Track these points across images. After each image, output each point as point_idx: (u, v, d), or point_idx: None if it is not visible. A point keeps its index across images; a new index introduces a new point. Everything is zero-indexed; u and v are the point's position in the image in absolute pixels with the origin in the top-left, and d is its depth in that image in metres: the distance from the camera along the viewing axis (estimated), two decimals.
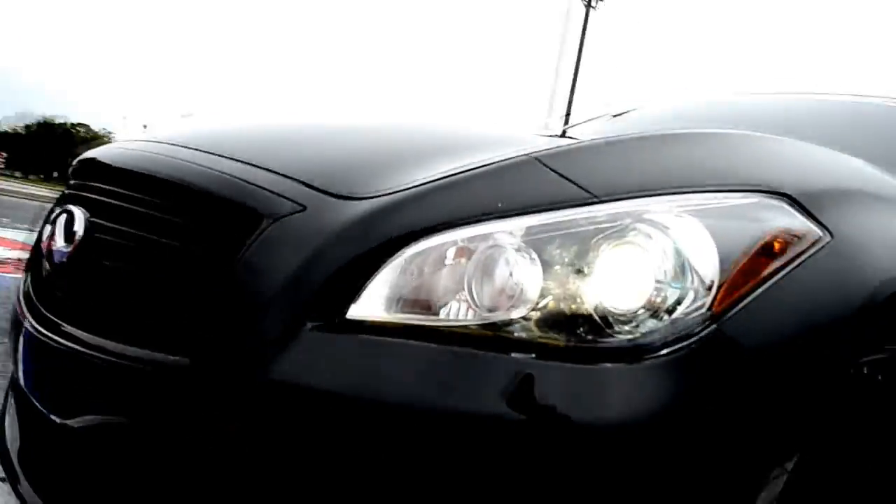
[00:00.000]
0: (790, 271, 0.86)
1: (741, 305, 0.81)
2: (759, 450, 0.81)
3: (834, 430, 0.90)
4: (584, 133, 2.64)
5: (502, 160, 0.91)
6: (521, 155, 0.91)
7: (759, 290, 0.83)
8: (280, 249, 0.86)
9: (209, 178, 0.98)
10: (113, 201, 1.07)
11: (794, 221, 0.90)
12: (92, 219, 1.07)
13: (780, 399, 0.83)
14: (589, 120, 2.99)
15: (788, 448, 0.83)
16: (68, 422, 1.01)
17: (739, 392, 0.80)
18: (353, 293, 0.82)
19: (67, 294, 1.09)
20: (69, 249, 1.07)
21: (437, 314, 0.83)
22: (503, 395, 0.77)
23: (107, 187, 1.11)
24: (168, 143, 1.14)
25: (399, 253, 0.83)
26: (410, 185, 0.88)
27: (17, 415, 1.19)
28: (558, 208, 0.84)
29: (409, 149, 1.07)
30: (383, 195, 0.88)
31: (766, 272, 0.84)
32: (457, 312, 0.83)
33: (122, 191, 1.06)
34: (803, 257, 0.88)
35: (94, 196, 1.13)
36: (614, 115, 2.88)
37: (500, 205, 0.85)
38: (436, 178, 0.89)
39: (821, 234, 0.91)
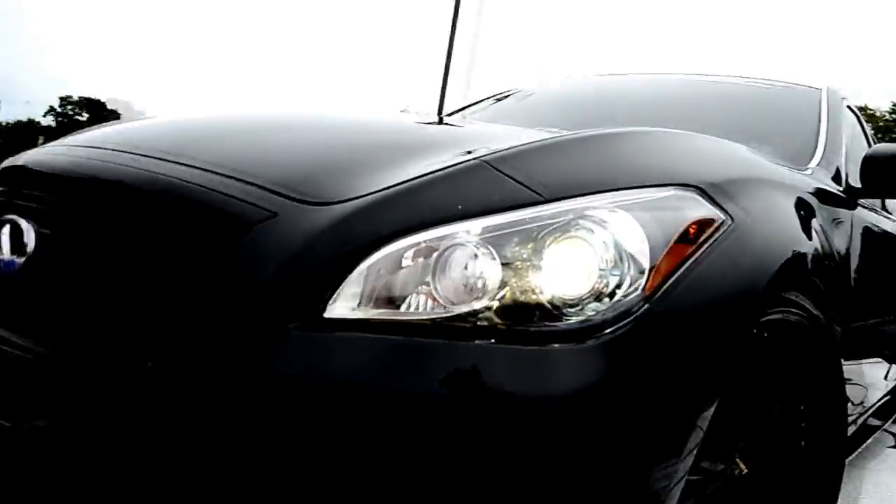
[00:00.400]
0: (704, 253, 1.01)
1: (667, 285, 0.95)
2: (688, 400, 0.97)
3: (743, 376, 1.08)
4: (467, 116, 2.81)
5: (456, 165, 1.01)
6: (473, 159, 1.01)
7: (681, 271, 0.97)
8: (257, 256, 0.92)
9: (178, 188, 1.01)
10: (67, 211, 1.08)
11: (704, 210, 1.05)
12: (43, 230, 1.08)
13: (702, 357, 0.99)
14: (472, 104, 3.13)
15: (710, 396, 0.99)
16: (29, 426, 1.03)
17: (669, 356, 0.95)
18: (330, 294, 0.90)
19: (26, 305, 1.09)
20: (21, 261, 1.07)
21: (407, 309, 0.92)
22: (469, 377, 0.87)
23: (57, 197, 1.11)
24: (115, 150, 1.15)
25: (370, 255, 0.91)
26: (375, 191, 0.97)
27: None
28: (510, 209, 0.95)
29: (363, 149, 1.15)
30: (351, 200, 0.95)
31: (685, 255, 0.99)
32: (424, 307, 0.92)
33: (78, 201, 1.07)
34: (712, 240, 1.03)
35: (39, 206, 1.12)
36: (497, 99, 3.03)
37: (459, 207, 0.95)
38: (398, 183, 0.98)
39: (724, 218, 1.07)
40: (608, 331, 0.90)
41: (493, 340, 0.89)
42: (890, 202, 2.45)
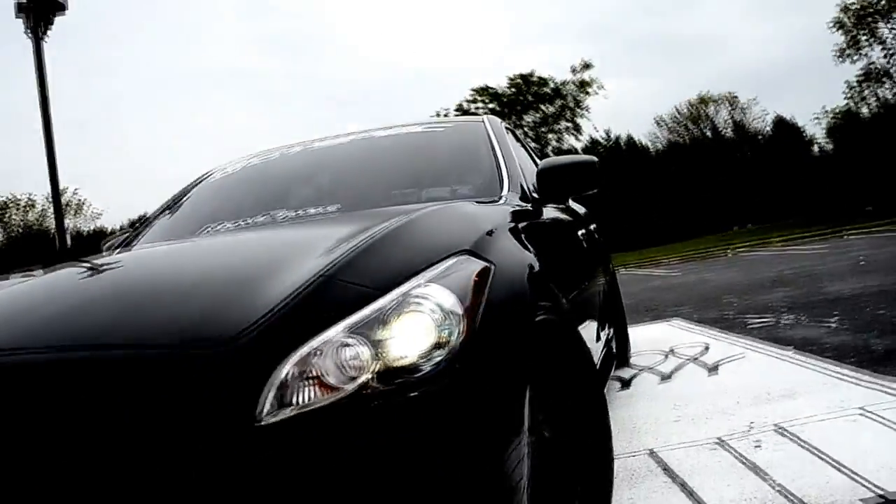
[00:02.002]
0: (488, 292, 1.46)
1: (476, 322, 1.38)
2: (514, 390, 1.40)
3: (535, 363, 1.54)
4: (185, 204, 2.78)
5: (311, 283, 1.35)
6: (319, 277, 1.37)
7: (481, 309, 1.41)
8: (189, 395, 1.18)
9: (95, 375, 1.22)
10: None
11: (478, 264, 1.51)
12: None
13: (511, 359, 1.43)
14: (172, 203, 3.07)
15: (524, 384, 1.43)
16: None
17: (494, 366, 1.37)
18: (253, 408, 1.19)
19: None
20: None
21: (310, 402, 1.24)
22: (377, 426, 1.23)
23: None
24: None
25: (272, 372, 1.22)
26: (261, 319, 1.27)
27: None
28: (361, 307, 1.31)
29: (222, 285, 1.45)
30: (243, 333, 1.25)
31: (480, 298, 1.43)
32: (325, 395, 1.25)
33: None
34: (489, 282, 1.48)
35: None
36: (196, 183, 3.15)
37: (325, 316, 1.29)
38: (273, 310, 1.29)
39: (489, 265, 1.53)
40: (455, 366, 1.30)
41: (380, 399, 1.25)
42: None
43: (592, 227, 3.86)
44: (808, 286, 6.83)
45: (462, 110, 32.97)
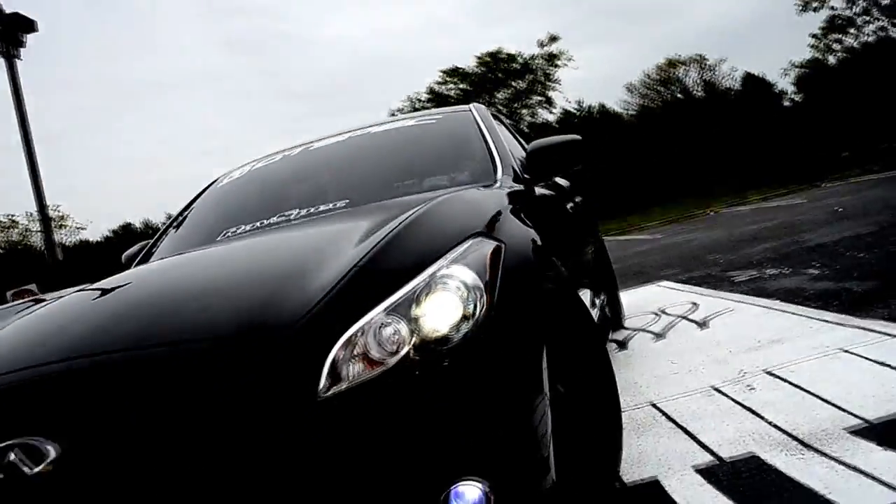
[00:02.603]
0: (502, 267, 1.63)
1: (495, 295, 1.56)
2: (534, 351, 1.58)
3: (550, 327, 1.72)
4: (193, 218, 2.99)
5: (350, 273, 1.52)
6: (356, 266, 1.54)
7: (498, 283, 1.59)
8: (255, 378, 1.35)
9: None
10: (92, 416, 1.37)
11: (492, 244, 1.68)
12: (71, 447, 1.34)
13: (528, 324, 1.61)
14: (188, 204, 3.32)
15: (541, 345, 1.61)
16: None
17: (515, 331, 1.55)
18: (316, 383, 1.36)
19: None
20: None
21: (360, 376, 1.41)
22: (420, 392, 1.40)
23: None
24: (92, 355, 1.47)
25: (330, 350, 1.39)
26: (314, 305, 1.44)
27: None
28: (396, 289, 1.48)
29: (276, 277, 1.62)
30: (303, 318, 1.42)
31: (496, 273, 1.60)
32: (369, 370, 1.42)
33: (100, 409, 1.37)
34: (503, 258, 1.66)
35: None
36: (203, 191, 3.35)
37: (365, 300, 1.46)
38: (323, 297, 1.46)
39: (501, 244, 1.71)
40: (481, 335, 1.48)
41: (420, 368, 1.43)
42: None
43: (578, 199, 4.04)
44: (788, 238, 7.07)
45: (433, 93, 32.99)
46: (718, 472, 1.97)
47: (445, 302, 1.50)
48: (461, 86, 33.35)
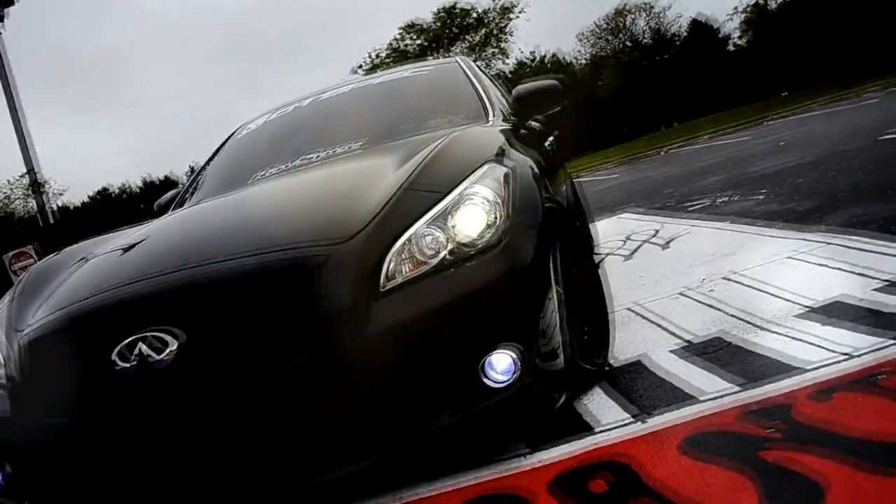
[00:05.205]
0: (513, 185, 1.99)
1: (510, 207, 1.92)
2: (547, 250, 1.95)
3: (553, 234, 2.09)
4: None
5: (395, 194, 1.87)
6: (400, 189, 1.89)
7: (511, 198, 1.95)
8: (333, 276, 1.70)
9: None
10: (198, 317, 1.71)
11: (503, 168, 2.03)
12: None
13: (541, 227, 1.97)
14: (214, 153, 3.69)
15: (548, 249, 1.98)
16: None
17: (529, 234, 1.92)
18: (377, 280, 1.72)
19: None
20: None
21: (409, 273, 1.77)
22: (456, 284, 1.77)
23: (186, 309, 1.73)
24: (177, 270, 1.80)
25: (388, 253, 1.75)
26: (369, 222, 1.79)
27: None
28: (433, 205, 1.84)
29: (334, 200, 1.96)
30: (360, 231, 1.77)
31: (509, 190, 1.96)
32: (416, 268, 1.78)
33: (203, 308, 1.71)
34: (513, 179, 2.01)
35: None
36: (226, 141, 3.69)
37: (410, 215, 1.82)
38: (376, 214, 1.81)
39: (510, 169, 2.06)
40: (504, 240, 1.85)
41: (454, 266, 1.79)
42: None
43: (551, 137, 4.41)
44: (736, 169, 7.58)
45: (393, 49, 33.17)
46: (690, 350, 2.39)
47: (473, 214, 1.85)
48: (419, 41, 33.50)
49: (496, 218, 1.87)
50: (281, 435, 1.67)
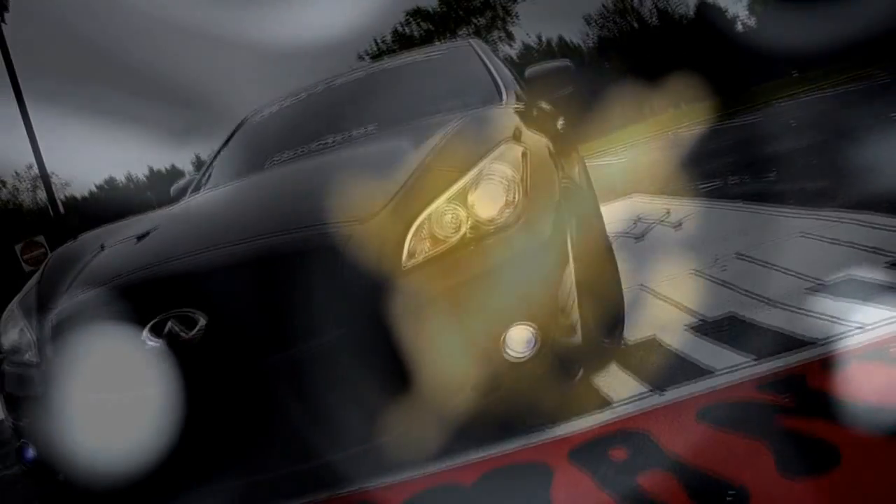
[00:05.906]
0: (530, 164, 2.02)
1: (527, 185, 1.95)
2: (558, 229, 1.99)
3: (568, 212, 2.12)
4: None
5: (415, 172, 1.91)
6: (421, 167, 1.92)
7: (528, 176, 1.98)
8: (356, 254, 1.74)
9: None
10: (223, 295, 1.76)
11: (519, 148, 2.06)
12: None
13: (552, 210, 2.00)
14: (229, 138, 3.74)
15: (565, 227, 2.02)
16: None
17: (540, 213, 1.95)
18: (399, 258, 1.76)
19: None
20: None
21: (430, 251, 1.81)
22: (476, 260, 1.81)
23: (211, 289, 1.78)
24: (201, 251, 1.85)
25: (407, 233, 1.79)
26: (388, 202, 1.83)
27: None
28: (453, 183, 1.88)
29: (354, 178, 2.00)
30: (379, 212, 1.81)
31: (526, 167, 1.99)
32: (436, 246, 1.82)
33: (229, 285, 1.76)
34: (528, 157, 2.05)
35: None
36: (239, 127, 3.73)
37: (431, 193, 1.85)
38: (395, 193, 1.85)
39: (526, 149, 2.09)
40: (523, 218, 1.89)
41: (475, 242, 1.83)
42: None
43: (561, 120, 4.44)
44: (747, 151, 7.57)
45: (398, 34, 33.12)
46: (704, 328, 2.43)
47: (492, 192, 1.89)
48: (424, 25, 33.43)
49: (514, 196, 1.91)
50: (311, 410, 1.72)
